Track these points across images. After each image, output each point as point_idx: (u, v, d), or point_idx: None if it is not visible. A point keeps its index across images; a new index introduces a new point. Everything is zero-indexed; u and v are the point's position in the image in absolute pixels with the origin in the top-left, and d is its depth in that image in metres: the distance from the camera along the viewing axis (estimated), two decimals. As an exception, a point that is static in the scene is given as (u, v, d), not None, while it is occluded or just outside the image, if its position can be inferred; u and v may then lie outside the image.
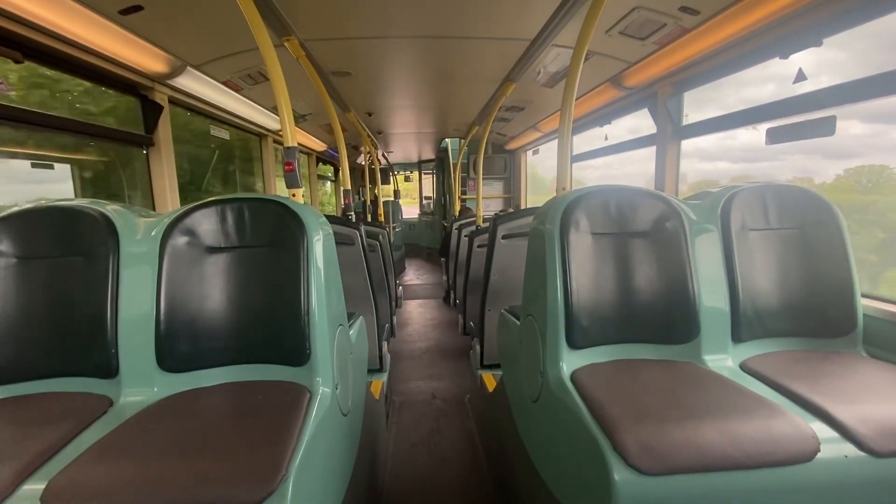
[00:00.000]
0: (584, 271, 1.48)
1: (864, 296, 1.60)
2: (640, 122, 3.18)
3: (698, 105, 2.66)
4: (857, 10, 1.58)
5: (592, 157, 4.24)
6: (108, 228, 1.42)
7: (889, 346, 1.52)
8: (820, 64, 1.81)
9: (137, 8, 1.85)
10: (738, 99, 2.32)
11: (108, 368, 1.36)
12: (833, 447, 1.05)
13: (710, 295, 1.54)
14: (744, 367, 1.48)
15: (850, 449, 1.05)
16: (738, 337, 1.53)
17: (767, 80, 2.14)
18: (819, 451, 1.03)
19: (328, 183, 8.13)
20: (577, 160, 4.42)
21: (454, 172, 6.53)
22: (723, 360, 1.51)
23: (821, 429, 1.09)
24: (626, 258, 1.53)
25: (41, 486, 0.92)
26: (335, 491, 1.32)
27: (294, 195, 1.65)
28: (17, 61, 1.81)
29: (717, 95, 2.60)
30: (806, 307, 1.57)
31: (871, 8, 1.55)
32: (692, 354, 1.50)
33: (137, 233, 1.46)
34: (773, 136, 1.98)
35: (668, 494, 1.01)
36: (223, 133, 3.59)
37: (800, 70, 1.81)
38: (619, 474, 1.01)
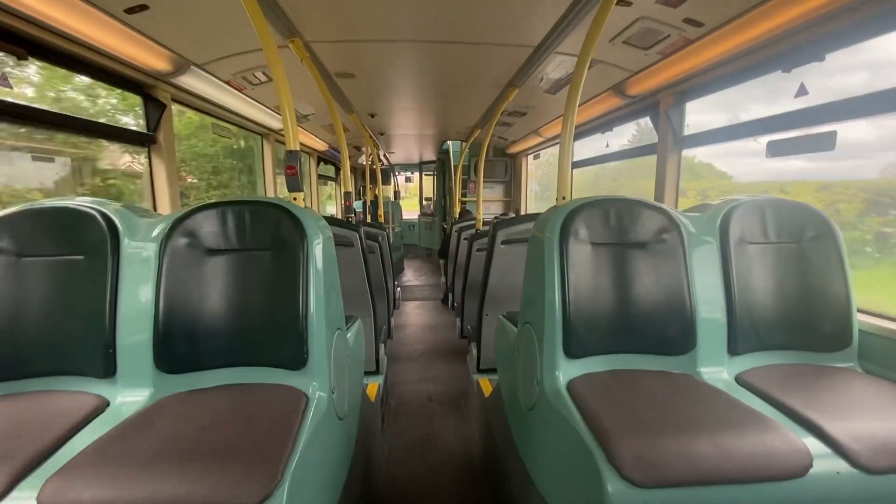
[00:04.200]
0: (583, 281, 1.49)
1: (860, 311, 1.61)
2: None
3: (771, 97, 2.22)
4: (860, 28, 1.59)
5: (592, 164, 4.25)
6: (109, 228, 1.43)
7: (884, 363, 1.52)
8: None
9: (143, 7, 1.86)
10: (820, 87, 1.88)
11: (105, 368, 1.36)
12: (825, 463, 1.06)
13: (708, 307, 1.54)
14: (739, 380, 1.48)
15: (842, 465, 1.05)
16: (734, 349, 1.54)
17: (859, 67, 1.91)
18: (812, 466, 1.04)
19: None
20: (577, 166, 4.43)
21: (455, 174, 6.54)
22: (718, 372, 1.51)
23: (814, 444, 1.09)
24: (624, 269, 1.53)
25: (37, 486, 0.92)
26: (330, 495, 1.32)
27: (295, 198, 1.66)
28: (21, 58, 1.81)
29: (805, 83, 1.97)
30: (802, 321, 1.57)
31: (873, 26, 1.56)
32: (688, 366, 1.51)
33: (138, 233, 1.46)
34: (774, 150, 1.99)
35: None
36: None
37: (801, 85, 1.81)
38: (613, 486, 1.01)
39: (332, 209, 8.70)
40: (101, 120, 2.63)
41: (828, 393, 1.31)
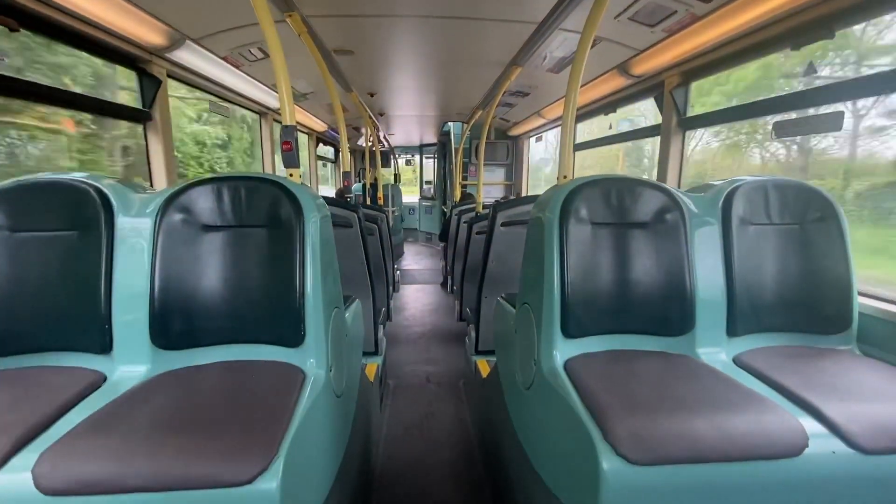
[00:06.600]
0: (582, 261, 1.48)
1: (860, 294, 1.60)
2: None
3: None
4: (872, 4, 1.55)
5: (596, 146, 4.20)
6: (103, 203, 1.41)
7: (882, 345, 1.52)
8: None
9: None
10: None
11: (101, 344, 1.36)
12: (821, 443, 1.06)
13: (707, 288, 1.53)
14: (737, 361, 1.48)
15: (838, 445, 1.06)
16: (733, 331, 1.54)
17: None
18: (807, 446, 1.04)
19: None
20: (580, 149, 4.38)
21: (456, 157, 6.46)
22: (717, 353, 1.51)
23: (810, 424, 1.09)
24: (624, 249, 1.52)
25: (33, 458, 0.92)
26: (327, 471, 1.33)
27: (292, 175, 1.63)
28: (12, 29, 1.77)
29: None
30: (802, 303, 1.56)
31: (887, 1, 1.52)
32: (686, 347, 1.50)
33: (133, 208, 1.45)
34: (780, 130, 1.96)
35: (657, 484, 1.02)
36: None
37: (810, 63, 1.77)
38: (609, 463, 1.01)
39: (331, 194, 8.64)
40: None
41: (825, 374, 1.31)
